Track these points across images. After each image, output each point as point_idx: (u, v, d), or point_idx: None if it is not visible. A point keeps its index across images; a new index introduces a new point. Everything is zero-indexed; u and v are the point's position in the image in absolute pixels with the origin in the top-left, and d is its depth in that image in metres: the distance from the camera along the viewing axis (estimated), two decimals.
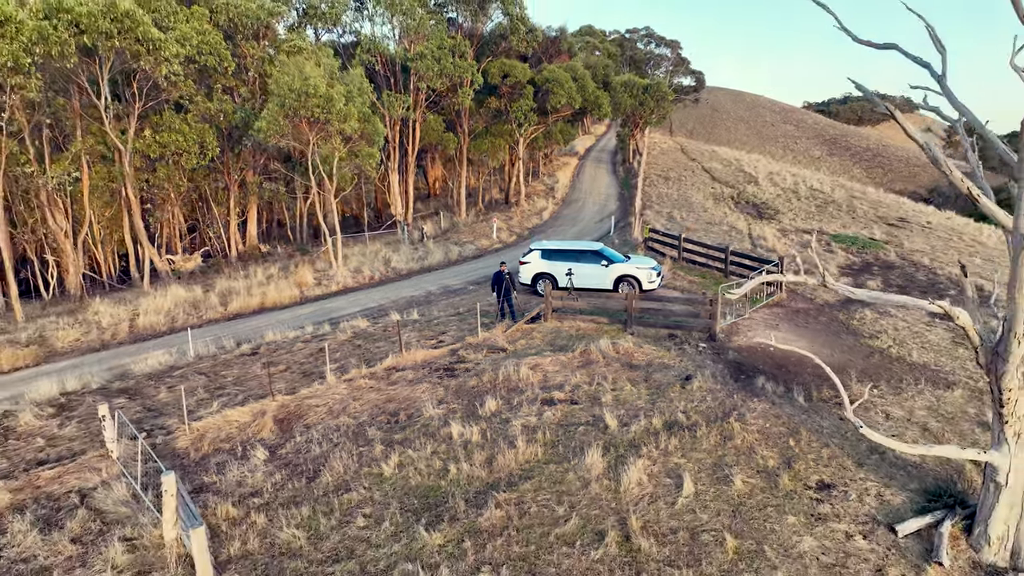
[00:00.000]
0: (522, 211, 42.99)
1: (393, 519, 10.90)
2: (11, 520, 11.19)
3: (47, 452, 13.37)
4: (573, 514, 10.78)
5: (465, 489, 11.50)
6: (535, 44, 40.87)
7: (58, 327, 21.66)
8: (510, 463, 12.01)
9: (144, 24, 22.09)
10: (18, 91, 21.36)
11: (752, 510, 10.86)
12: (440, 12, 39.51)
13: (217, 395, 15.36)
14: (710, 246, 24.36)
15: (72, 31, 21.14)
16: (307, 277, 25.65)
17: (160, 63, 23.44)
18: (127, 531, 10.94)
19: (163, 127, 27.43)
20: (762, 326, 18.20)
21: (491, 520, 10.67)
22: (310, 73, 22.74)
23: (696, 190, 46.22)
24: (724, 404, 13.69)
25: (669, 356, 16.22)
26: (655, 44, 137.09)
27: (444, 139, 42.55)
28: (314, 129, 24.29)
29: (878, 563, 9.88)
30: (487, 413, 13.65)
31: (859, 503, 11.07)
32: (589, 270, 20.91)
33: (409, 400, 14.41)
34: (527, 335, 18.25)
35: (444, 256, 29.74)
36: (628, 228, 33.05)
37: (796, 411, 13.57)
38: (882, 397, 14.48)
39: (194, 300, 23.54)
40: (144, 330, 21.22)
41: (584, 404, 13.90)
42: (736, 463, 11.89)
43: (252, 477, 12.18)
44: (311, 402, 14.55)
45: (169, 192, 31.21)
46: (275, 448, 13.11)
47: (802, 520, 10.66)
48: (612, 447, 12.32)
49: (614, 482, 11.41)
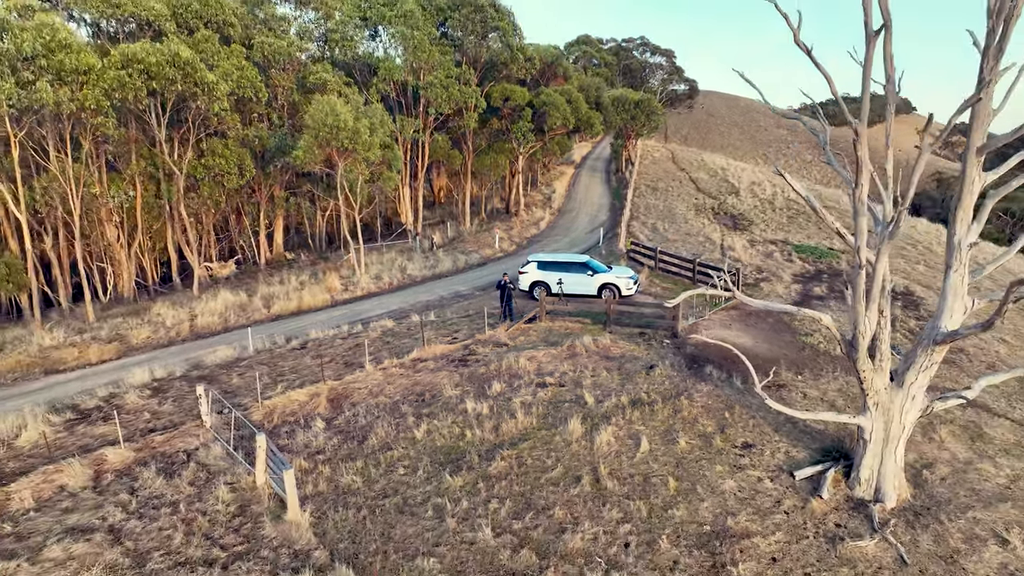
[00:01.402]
0: (521, 221, 46.55)
1: (425, 468, 14.52)
2: (140, 471, 14.81)
3: (153, 423, 16.99)
4: (558, 464, 14.40)
5: (478, 448, 15.12)
6: (533, 71, 44.44)
7: (129, 326, 25.25)
8: (511, 429, 15.63)
9: (201, 70, 25.68)
10: (99, 129, 24.95)
11: (691, 462, 14.48)
12: (447, 41, 43.01)
13: (279, 380, 18.98)
14: (681, 257, 27.98)
15: (143, 78, 24.73)
16: (335, 283, 29.22)
17: (213, 101, 27.05)
18: (227, 478, 14.55)
19: (208, 152, 31.01)
20: (718, 326, 21.82)
21: (498, 469, 14.29)
22: (340, 110, 26.29)
23: (681, 201, 49.76)
24: (678, 386, 17.31)
25: (639, 350, 19.84)
26: (650, 53, 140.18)
27: (450, 156, 46.16)
28: (343, 156, 27.84)
29: (778, 498, 13.50)
30: (493, 393, 17.26)
31: (771, 457, 14.69)
32: (577, 279, 24.52)
33: (432, 384, 18.04)
34: (525, 333, 21.86)
35: (453, 264, 33.34)
36: (615, 239, 36.63)
37: (733, 392, 17.18)
38: (804, 381, 18.10)
39: (241, 303, 27.14)
40: (203, 329, 24.82)
41: (569, 386, 17.51)
42: (682, 429, 15.51)
43: (315, 440, 15.80)
44: (354, 385, 18.17)
45: (209, 207, 34.78)
46: (330, 420, 16.73)
47: (727, 469, 14.27)
48: (589, 418, 15.93)
49: (589, 442, 15.03)
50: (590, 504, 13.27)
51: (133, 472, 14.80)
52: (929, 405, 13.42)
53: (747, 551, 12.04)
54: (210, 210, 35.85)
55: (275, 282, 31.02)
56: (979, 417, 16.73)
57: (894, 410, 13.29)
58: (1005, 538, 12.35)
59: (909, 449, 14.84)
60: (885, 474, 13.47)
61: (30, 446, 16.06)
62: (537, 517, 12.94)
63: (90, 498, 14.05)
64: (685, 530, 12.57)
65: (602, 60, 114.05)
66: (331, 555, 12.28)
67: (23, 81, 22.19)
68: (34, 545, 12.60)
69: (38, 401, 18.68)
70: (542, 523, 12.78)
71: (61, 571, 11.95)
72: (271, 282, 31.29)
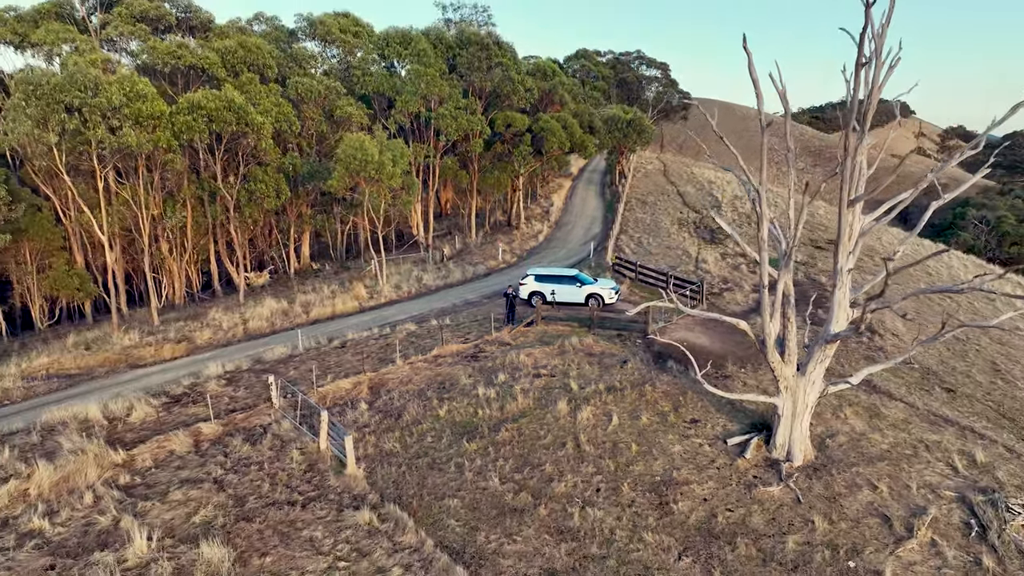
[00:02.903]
0: (522, 234, 50.79)
1: (447, 437, 18.73)
2: (228, 440, 19.02)
3: (232, 405, 21.21)
4: (549, 434, 18.61)
5: (487, 422, 19.33)
6: (532, 99, 48.72)
7: (191, 329, 29.49)
8: (513, 409, 19.84)
9: (252, 113, 29.96)
10: (169, 166, 29.27)
11: (649, 433, 18.67)
12: (455, 74, 47.28)
13: (327, 372, 23.20)
14: (657, 270, 32.19)
15: (205, 120, 29.02)
16: (362, 292, 33.43)
17: (261, 139, 31.37)
18: (297, 445, 18.76)
19: (251, 178, 35.29)
20: (683, 329, 26.02)
21: (503, 437, 18.49)
22: (368, 145, 30.51)
23: (666, 215, 53.94)
24: (644, 377, 21.52)
25: (616, 348, 24.05)
26: (646, 66, 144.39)
27: (458, 175, 50.46)
28: (369, 184, 32.09)
29: (713, 458, 17.69)
30: (499, 382, 21.47)
31: (711, 429, 18.88)
32: (567, 289, 28.73)
33: (450, 375, 22.26)
34: (524, 335, 26.06)
35: (462, 275, 37.56)
36: (605, 252, 40.85)
37: (688, 381, 21.38)
38: (746, 373, 22.28)
39: (284, 309, 31.37)
40: (254, 331, 29.05)
41: (558, 376, 21.72)
42: (645, 409, 19.71)
43: (361, 418, 20.01)
44: (388, 376, 22.39)
45: (248, 224, 39.09)
46: (371, 403, 20.94)
47: (676, 438, 18.47)
48: (573, 400, 20.13)
49: (573, 418, 19.23)
50: (572, 462, 17.47)
51: (224, 441, 19.03)
52: (825, 388, 17.62)
53: (686, 494, 16.23)
54: (248, 227, 40.18)
55: (309, 290, 35.27)
56: (880, 400, 20.91)
57: (800, 392, 17.47)
58: (876, 485, 16.51)
59: (820, 423, 19.03)
60: (794, 440, 17.64)
61: (140, 422, 20.30)
62: (532, 471, 17.15)
63: (194, 459, 18.27)
64: (641, 480, 16.77)
65: (599, 73, 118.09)
66: (381, 497, 16.48)
67: (111, 127, 26.49)
68: (160, 491, 16.82)
69: (132, 389, 22.91)
70: (536, 475, 16.99)
71: (184, 508, 16.17)
72: (305, 290, 35.53)
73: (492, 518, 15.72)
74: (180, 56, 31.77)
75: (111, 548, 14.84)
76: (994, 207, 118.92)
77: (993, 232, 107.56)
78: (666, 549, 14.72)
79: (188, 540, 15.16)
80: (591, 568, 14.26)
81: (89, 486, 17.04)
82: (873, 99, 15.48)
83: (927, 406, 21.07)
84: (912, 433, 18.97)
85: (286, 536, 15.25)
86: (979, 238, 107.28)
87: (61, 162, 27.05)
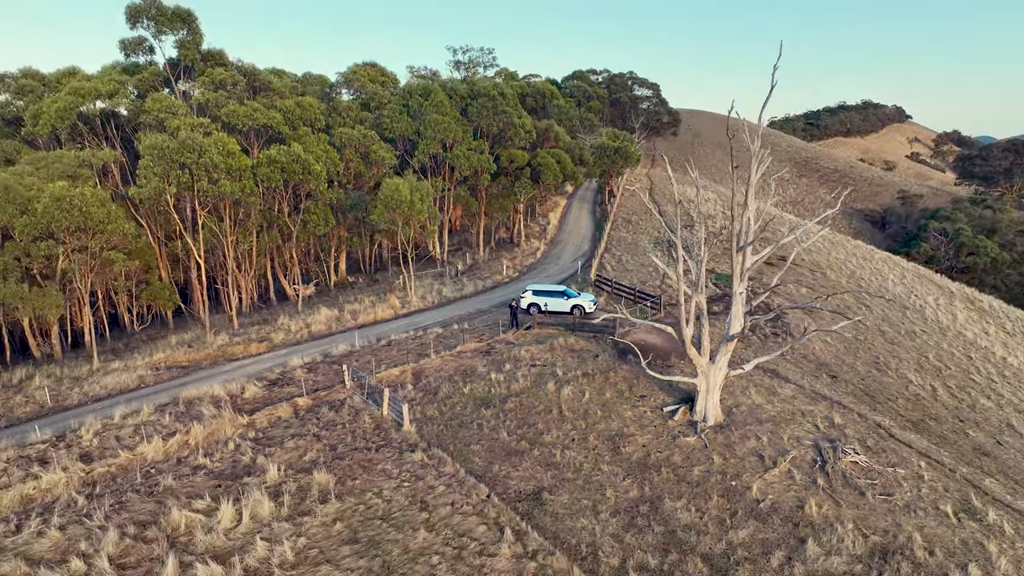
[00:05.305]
0: (522, 251, 58.24)
1: (470, 406, 26.14)
2: (318, 409, 26.44)
3: (316, 385, 28.64)
4: (540, 404, 26.02)
5: (498, 396, 26.73)
6: (531, 139, 56.28)
7: (267, 331, 36.90)
8: (516, 387, 27.25)
9: (312, 163, 37.46)
10: (252, 204, 36.75)
11: (610, 404, 26.05)
12: (466, 118, 54.78)
13: (380, 363, 30.62)
14: (627, 287, 39.60)
15: (277, 170, 36.50)
16: (395, 302, 40.83)
17: (319, 183, 38.89)
18: (367, 412, 26.17)
19: (306, 211, 42.78)
20: (642, 331, 33.40)
21: (509, 407, 25.90)
22: (402, 189, 37.98)
23: (645, 234, 61.35)
24: (610, 366, 28.91)
25: (591, 346, 31.45)
26: (638, 86, 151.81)
27: (468, 202, 58.00)
28: (402, 218, 39.52)
29: (652, 420, 25.06)
30: (506, 370, 28.85)
31: (654, 402, 26.27)
32: (557, 302, 36.14)
33: (471, 365, 29.68)
34: (524, 336, 33.47)
35: (474, 288, 44.96)
36: (590, 269, 48.25)
37: (642, 369, 28.76)
38: (684, 363, 29.65)
39: (336, 316, 38.79)
40: (317, 333, 36.47)
41: (548, 366, 29.12)
42: (608, 388, 27.10)
43: (409, 394, 27.42)
44: (425, 366, 29.81)
45: (300, 247, 46.60)
46: (415, 384, 28.32)
47: (629, 407, 25.85)
48: (558, 382, 27.52)
49: (558, 394, 26.62)
50: (556, 422, 24.87)
51: (315, 410, 26.46)
52: (728, 372, 25.03)
53: (631, 442, 23.62)
54: (300, 248, 47.71)
55: (352, 300, 42.71)
56: (778, 383, 28.28)
57: (712, 375, 24.85)
58: (759, 437, 23.86)
59: (730, 398, 26.38)
60: (708, 408, 25.00)
61: (253, 397, 27.72)
62: (529, 428, 24.55)
63: (296, 422, 25.68)
64: (602, 434, 24.16)
65: (594, 93, 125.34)
66: (428, 444, 23.87)
67: (212, 178, 34.00)
68: (277, 442, 24.22)
69: (237, 376, 30.32)
70: (532, 431, 24.40)
71: (296, 452, 23.58)
72: (349, 300, 42.98)
73: (502, 457, 23.13)
74: (255, 118, 39.28)
75: (254, 475, 22.24)
76: (955, 219, 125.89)
77: (951, 243, 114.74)
78: (615, 475, 22.12)
79: (303, 471, 22.54)
80: (566, 486, 21.66)
81: (229, 438, 24.48)
82: (751, 185, 22.88)
83: (812, 387, 28.46)
84: (795, 405, 26.35)
85: (367, 468, 22.65)
86: (939, 249, 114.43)
87: (170, 204, 34.55)
